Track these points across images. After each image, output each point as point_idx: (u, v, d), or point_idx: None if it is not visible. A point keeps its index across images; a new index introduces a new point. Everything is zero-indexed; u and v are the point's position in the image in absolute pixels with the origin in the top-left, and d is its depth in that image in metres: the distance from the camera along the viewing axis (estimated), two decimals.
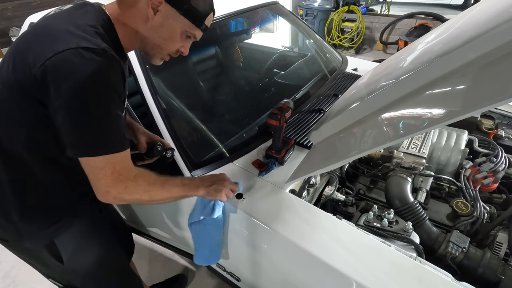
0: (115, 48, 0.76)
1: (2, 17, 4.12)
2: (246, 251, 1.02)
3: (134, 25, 0.79)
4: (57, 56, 0.65)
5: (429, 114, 0.72)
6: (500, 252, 1.03)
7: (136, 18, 0.79)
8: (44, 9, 1.77)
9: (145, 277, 1.80)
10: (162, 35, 0.80)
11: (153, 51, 0.84)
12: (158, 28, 0.79)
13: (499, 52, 0.60)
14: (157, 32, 0.80)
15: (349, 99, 1.07)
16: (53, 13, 0.81)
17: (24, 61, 0.69)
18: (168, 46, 0.83)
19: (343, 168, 1.33)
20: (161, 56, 0.86)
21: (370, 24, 5.51)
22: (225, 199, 0.97)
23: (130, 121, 1.12)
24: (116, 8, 0.79)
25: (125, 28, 0.80)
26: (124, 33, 0.80)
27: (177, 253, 1.77)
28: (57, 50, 0.66)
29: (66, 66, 0.65)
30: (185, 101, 1.37)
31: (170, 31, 0.80)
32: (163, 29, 0.79)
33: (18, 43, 0.76)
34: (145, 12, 0.77)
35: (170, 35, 0.81)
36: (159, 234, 1.49)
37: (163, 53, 0.85)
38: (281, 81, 1.88)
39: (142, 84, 1.19)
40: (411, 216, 1.07)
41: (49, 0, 4.38)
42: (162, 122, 1.17)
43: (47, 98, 0.68)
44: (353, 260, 0.86)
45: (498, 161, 1.25)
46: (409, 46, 1.16)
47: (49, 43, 0.68)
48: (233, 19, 1.88)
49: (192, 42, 0.88)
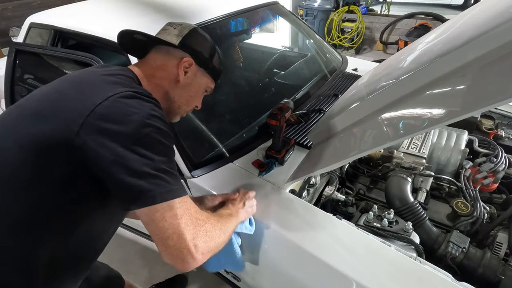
0: None
1: (2, 17, 4.11)
2: (246, 251, 1.02)
3: (163, 86, 0.82)
4: (109, 100, 0.60)
5: (429, 114, 0.72)
6: (500, 252, 1.03)
7: (165, 80, 0.82)
8: (44, 9, 1.77)
9: (145, 277, 1.80)
10: (190, 92, 0.87)
11: (178, 109, 0.88)
12: (187, 86, 0.85)
13: (499, 52, 0.60)
14: (186, 91, 0.86)
15: (349, 99, 1.07)
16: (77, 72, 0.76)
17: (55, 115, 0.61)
18: (192, 102, 0.90)
19: (343, 168, 1.33)
20: (182, 113, 0.92)
21: (370, 24, 5.51)
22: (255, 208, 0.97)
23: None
24: (138, 70, 0.80)
25: (152, 88, 0.79)
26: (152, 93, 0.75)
27: None
28: (106, 96, 0.61)
29: (123, 108, 0.60)
30: None
31: (196, 88, 0.88)
32: (191, 87, 0.86)
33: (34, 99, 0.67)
34: (175, 73, 0.82)
35: (196, 91, 0.89)
36: None
37: (186, 110, 0.91)
38: (281, 81, 1.88)
39: None
40: (411, 216, 1.07)
41: (49, 0, 4.38)
42: None
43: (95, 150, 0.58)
44: (353, 260, 0.86)
45: (498, 161, 1.25)
46: (409, 46, 1.16)
47: (93, 91, 0.63)
48: (233, 19, 1.88)
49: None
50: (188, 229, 0.60)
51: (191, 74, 0.84)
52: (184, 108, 0.90)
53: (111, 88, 0.64)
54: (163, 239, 0.59)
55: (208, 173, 1.16)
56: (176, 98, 0.85)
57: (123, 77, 0.72)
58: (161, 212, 0.58)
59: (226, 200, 0.96)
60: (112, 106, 0.60)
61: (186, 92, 0.86)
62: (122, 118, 0.59)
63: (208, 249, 0.63)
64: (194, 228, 0.61)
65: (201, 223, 0.64)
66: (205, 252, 0.62)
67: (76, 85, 0.68)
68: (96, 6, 1.70)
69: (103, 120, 0.59)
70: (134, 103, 0.62)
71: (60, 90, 0.68)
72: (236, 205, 0.91)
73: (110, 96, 0.61)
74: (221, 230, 0.70)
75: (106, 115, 0.59)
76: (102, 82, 0.67)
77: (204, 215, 0.67)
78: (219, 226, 0.70)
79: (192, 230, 0.61)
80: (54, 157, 0.60)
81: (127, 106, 0.61)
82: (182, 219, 0.60)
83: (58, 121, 0.60)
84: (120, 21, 1.38)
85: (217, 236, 0.67)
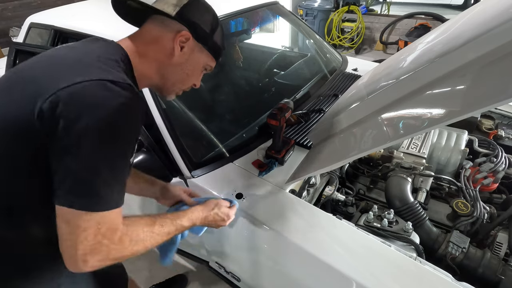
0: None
1: (2, 17, 4.12)
2: (246, 251, 1.02)
3: (155, 61, 0.75)
4: (74, 87, 0.56)
5: (429, 114, 0.72)
6: (500, 252, 1.03)
7: (159, 54, 0.75)
8: (44, 9, 1.78)
9: (145, 277, 1.80)
10: (186, 70, 0.79)
11: (173, 87, 0.82)
12: (184, 63, 0.78)
13: (499, 52, 0.60)
14: (181, 68, 0.78)
15: (349, 99, 1.07)
16: (64, 45, 0.74)
17: (25, 93, 0.59)
18: (189, 80, 0.83)
19: (343, 168, 1.33)
20: (177, 91, 0.85)
21: (370, 24, 5.51)
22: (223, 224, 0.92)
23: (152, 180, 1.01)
24: (132, 43, 0.74)
25: (143, 64, 0.74)
26: (141, 69, 0.74)
27: (177, 253, 1.76)
28: (73, 81, 0.56)
29: (86, 99, 0.55)
30: (185, 101, 1.37)
31: (193, 65, 0.80)
32: (187, 64, 0.79)
33: (17, 71, 0.67)
34: (170, 47, 0.74)
35: (193, 69, 0.81)
36: None
37: (181, 88, 0.84)
38: (281, 81, 1.88)
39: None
40: (411, 216, 1.07)
41: (49, 0, 4.38)
42: (162, 122, 1.17)
43: (50, 135, 0.56)
44: (353, 260, 0.86)
45: (498, 161, 1.25)
46: (409, 46, 1.16)
47: (62, 73, 0.59)
48: (233, 19, 1.88)
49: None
50: (85, 244, 0.57)
51: (188, 50, 0.76)
52: (179, 86, 0.83)
53: (83, 71, 0.59)
54: (61, 238, 0.58)
55: (208, 173, 1.16)
56: (170, 75, 0.78)
57: (107, 60, 0.65)
58: (68, 216, 0.56)
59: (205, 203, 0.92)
60: (74, 94, 0.56)
61: (182, 69, 0.78)
62: (81, 110, 0.55)
63: (100, 265, 0.60)
64: (92, 246, 0.57)
65: (106, 243, 0.59)
66: (95, 266, 0.59)
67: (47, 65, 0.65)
68: (96, 6, 1.70)
69: (61, 106, 0.55)
70: (100, 96, 0.56)
71: (33, 67, 0.65)
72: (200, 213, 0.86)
73: (78, 83, 0.56)
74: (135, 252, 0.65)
75: (65, 102, 0.55)
76: (78, 62, 0.62)
77: (117, 235, 0.61)
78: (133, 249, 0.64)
79: (89, 246, 0.57)
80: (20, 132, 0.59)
81: (91, 98, 0.56)
82: (83, 232, 0.56)
83: (23, 98, 0.59)
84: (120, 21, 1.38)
85: (120, 257, 0.63)
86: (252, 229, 0.99)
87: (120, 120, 0.57)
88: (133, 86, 0.62)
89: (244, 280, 1.16)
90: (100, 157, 0.57)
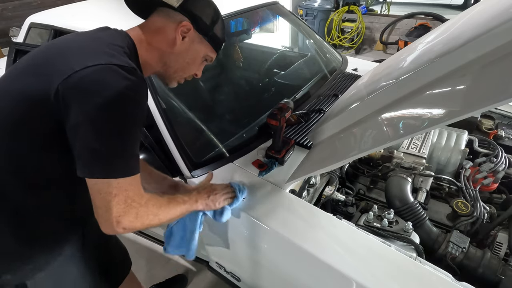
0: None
1: (2, 17, 4.12)
2: (246, 251, 1.02)
3: (159, 50, 0.82)
4: (86, 70, 0.62)
5: (429, 114, 0.72)
6: (500, 252, 1.03)
7: (162, 43, 0.81)
8: (44, 9, 1.78)
9: (145, 277, 1.80)
10: (186, 59, 0.85)
11: (174, 75, 0.87)
12: (184, 52, 0.83)
13: (499, 52, 0.60)
14: (182, 56, 0.84)
15: (349, 99, 1.08)
16: (74, 33, 0.81)
17: (43, 73, 0.65)
18: (189, 69, 0.88)
19: (343, 168, 1.33)
20: (179, 79, 0.90)
21: (370, 24, 5.51)
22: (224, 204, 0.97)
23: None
24: (139, 33, 0.81)
25: (148, 52, 0.81)
26: (146, 57, 0.81)
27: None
28: (85, 65, 0.63)
29: (96, 81, 0.62)
30: (185, 101, 1.37)
31: (194, 55, 0.86)
32: (188, 53, 0.84)
33: (34, 55, 0.73)
34: (173, 37, 0.80)
35: (193, 58, 0.86)
36: (159, 234, 1.49)
37: (182, 76, 0.90)
38: (281, 81, 1.88)
39: None
40: (411, 216, 1.07)
41: (49, 0, 4.38)
42: (162, 122, 1.17)
43: (65, 113, 0.63)
44: (353, 260, 0.86)
45: (498, 161, 1.25)
46: (409, 46, 1.16)
47: (76, 58, 0.66)
48: (233, 19, 1.89)
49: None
50: (117, 208, 0.66)
51: (188, 39, 0.82)
52: (180, 74, 0.88)
53: (94, 56, 0.65)
54: (96, 206, 0.67)
55: (208, 173, 1.16)
56: (172, 63, 0.84)
57: (114, 46, 0.71)
58: (98, 185, 0.65)
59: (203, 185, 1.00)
60: (86, 76, 0.62)
61: (183, 58, 0.84)
62: (92, 91, 0.62)
63: (132, 227, 0.70)
64: (124, 208, 0.67)
65: (135, 205, 0.69)
66: (127, 228, 0.69)
67: (62, 49, 0.71)
68: (96, 6, 1.70)
69: (75, 87, 0.62)
70: (108, 78, 0.63)
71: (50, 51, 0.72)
72: (200, 194, 0.94)
73: (89, 66, 0.63)
74: (156, 216, 0.76)
75: (78, 84, 0.62)
76: (90, 48, 0.69)
77: (144, 199, 0.72)
78: (155, 212, 0.75)
79: (122, 209, 0.67)
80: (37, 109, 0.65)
81: (100, 80, 0.63)
82: (115, 197, 0.66)
83: (39, 81, 0.65)
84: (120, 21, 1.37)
85: (148, 219, 0.73)
86: (252, 229, 0.99)
87: (126, 98, 0.64)
88: (137, 69, 0.68)
89: (244, 280, 1.16)
90: (111, 131, 0.63)
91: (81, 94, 0.62)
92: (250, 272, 1.07)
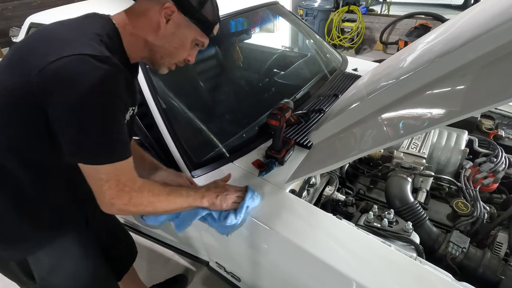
0: (120, 58, 0.75)
1: (2, 17, 4.11)
2: (246, 251, 1.02)
3: (143, 34, 0.78)
4: (61, 61, 0.63)
5: (429, 114, 0.72)
6: (500, 252, 1.03)
7: (146, 27, 0.78)
8: (44, 9, 1.77)
9: (145, 277, 1.80)
10: (173, 43, 0.80)
11: (161, 60, 0.83)
12: (170, 36, 0.79)
13: (499, 52, 0.60)
14: (168, 41, 0.79)
15: (349, 99, 1.08)
16: (61, 20, 0.80)
17: (24, 65, 0.67)
18: (177, 55, 0.83)
19: (343, 168, 1.33)
20: (169, 65, 0.86)
21: (370, 24, 5.51)
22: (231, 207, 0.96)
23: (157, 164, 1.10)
24: (124, 17, 0.78)
25: (132, 37, 0.78)
26: (131, 42, 0.78)
27: (177, 253, 1.77)
28: (60, 55, 0.64)
29: (68, 72, 0.63)
30: (185, 101, 1.37)
31: (181, 39, 0.80)
32: (174, 38, 0.79)
33: (18, 46, 0.74)
34: (157, 21, 0.76)
35: (181, 43, 0.81)
36: (159, 234, 1.49)
37: (171, 62, 0.85)
38: (281, 81, 1.88)
39: (142, 84, 1.19)
40: (411, 216, 1.07)
41: (49, 0, 4.38)
42: (162, 122, 1.17)
43: (47, 104, 0.65)
44: (353, 260, 0.86)
45: (498, 161, 1.25)
46: (409, 46, 1.16)
47: (54, 48, 0.67)
48: (233, 19, 1.88)
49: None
50: (110, 192, 0.71)
51: (173, 23, 0.77)
52: (168, 60, 0.84)
53: (69, 47, 0.66)
54: (92, 188, 0.72)
55: (208, 173, 1.17)
56: (157, 48, 0.80)
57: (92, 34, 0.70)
58: (88, 171, 0.70)
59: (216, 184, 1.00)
60: (60, 68, 0.63)
61: (169, 42, 0.80)
62: (66, 83, 0.63)
63: (126, 210, 0.75)
64: (117, 192, 0.71)
65: (127, 190, 0.73)
66: (121, 210, 0.74)
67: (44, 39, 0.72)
68: (96, 6, 1.70)
69: (51, 79, 0.64)
70: (79, 69, 0.64)
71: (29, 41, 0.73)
72: (209, 192, 0.94)
73: (64, 57, 0.63)
74: (151, 203, 0.79)
75: (54, 75, 0.63)
76: (66, 37, 0.70)
77: (137, 184, 0.76)
78: (150, 199, 0.78)
79: (115, 193, 0.71)
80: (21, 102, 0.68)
81: (72, 71, 0.63)
82: (107, 182, 0.70)
83: (21, 73, 0.67)
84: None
85: (142, 205, 0.77)
86: (252, 229, 0.99)
87: (98, 87, 0.64)
88: (110, 58, 0.68)
89: (244, 280, 1.16)
90: (88, 120, 0.65)
91: (56, 86, 0.64)
92: (250, 272, 1.07)
